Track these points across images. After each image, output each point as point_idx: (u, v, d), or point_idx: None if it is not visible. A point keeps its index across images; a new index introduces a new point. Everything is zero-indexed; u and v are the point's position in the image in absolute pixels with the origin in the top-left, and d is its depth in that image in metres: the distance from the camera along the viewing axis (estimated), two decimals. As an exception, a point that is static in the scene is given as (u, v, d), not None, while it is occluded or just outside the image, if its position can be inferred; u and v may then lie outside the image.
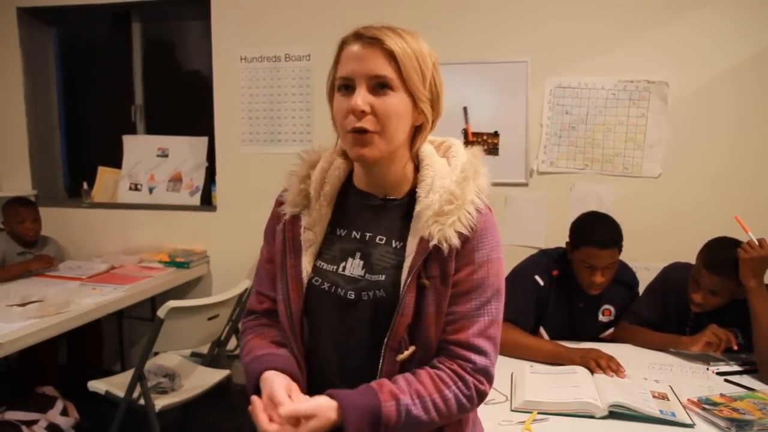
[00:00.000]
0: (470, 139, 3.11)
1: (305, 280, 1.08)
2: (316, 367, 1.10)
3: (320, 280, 1.08)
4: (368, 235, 1.08)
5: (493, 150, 3.10)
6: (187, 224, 3.54)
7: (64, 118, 3.95)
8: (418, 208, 1.03)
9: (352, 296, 1.05)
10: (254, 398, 0.98)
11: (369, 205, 1.10)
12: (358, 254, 1.07)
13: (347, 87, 1.01)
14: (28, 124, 3.69)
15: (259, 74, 3.34)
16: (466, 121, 3.11)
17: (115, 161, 3.73)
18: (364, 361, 1.03)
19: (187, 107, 3.79)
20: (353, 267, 1.07)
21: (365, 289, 1.04)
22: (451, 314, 1.03)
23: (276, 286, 1.12)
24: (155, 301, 3.32)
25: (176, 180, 3.63)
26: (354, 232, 1.09)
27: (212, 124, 3.46)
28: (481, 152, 1.10)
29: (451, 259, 1.01)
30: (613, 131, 2.98)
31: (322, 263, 1.09)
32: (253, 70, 3.35)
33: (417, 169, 1.08)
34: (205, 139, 3.59)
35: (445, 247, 0.99)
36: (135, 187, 3.68)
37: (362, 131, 0.99)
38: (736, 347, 1.93)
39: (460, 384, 1.01)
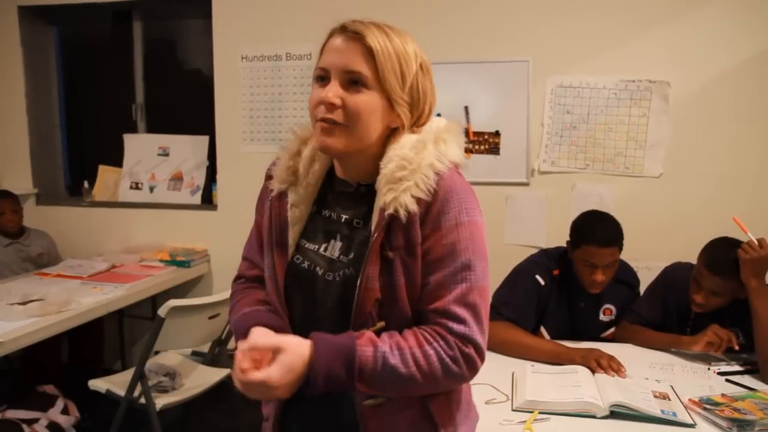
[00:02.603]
0: (471, 138, 3.10)
1: (290, 256, 1.08)
2: None
3: (301, 258, 1.08)
4: (344, 217, 1.08)
5: (494, 149, 3.10)
6: (187, 223, 3.54)
7: (64, 117, 3.95)
8: (378, 179, 1.01)
9: (330, 277, 1.05)
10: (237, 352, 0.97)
11: (346, 192, 1.09)
12: (338, 236, 1.07)
13: (323, 78, 1.00)
14: (29, 123, 3.69)
15: (260, 73, 3.34)
16: (468, 121, 3.11)
17: (116, 160, 3.73)
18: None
19: (188, 106, 3.79)
20: (333, 248, 1.06)
21: (337, 270, 1.04)
22: (427, 284, 1.01)
23: (264, 259, 1.13)
24: (156, 300, 3.32)
25: (177, 179, 3.63)
26: (339, 214, 1.09)
27: (213, 123, 3.46)
28: (455, 126, 1.06)
29: (414, 225, 0.99)
30: (615, 131, 2.98)
31: (305, 242, 1.09)
32: (254, 69, 3.35)
33: None
34: (205, 138, 3.58)
35: (402, 214, 0.97)
36: (136, 186, 3.68)
37: (330, 122, 0.98)
38: (737, 347, 1.93)
39: (441, 342, 0.98)
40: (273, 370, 0.92)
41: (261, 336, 0.99)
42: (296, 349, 0.94)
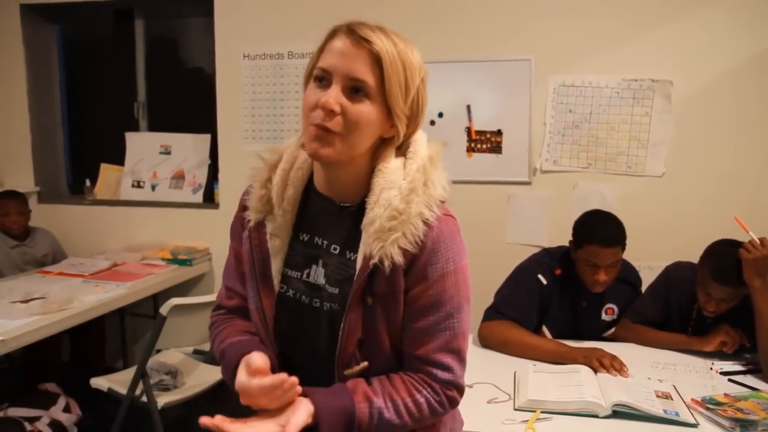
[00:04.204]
0: (473, 137, 3.10)
1: (276, 287, 1.06)
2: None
3: (285, 286, 1.07)
4: (325, 242, 1.06)
5: (496, 148, 3.09)
6: (189, 222, 3.54)
7: (66, 115, 3.95)
8: (364, 221, 0.99)
9: (317, 304, 1.04)
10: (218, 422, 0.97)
11: (327, 211, 1.06)
12: (320, 261, 1.05)
13: (323, 79, 0.96)
14: (31, 121, 3.69)
15: (261, 72, 3.34)
16: (470, 120, 3.10)
17: (118, 158, 3.73)
18: (325, 371, 1.03)
19: (189, 104, 3.78)
20: (317, 275, 1.05)
21: (325, 300, 1.04)
22: (410, 329, 1.01)
23: (245, 285, 1.11)
24: (157, 299, 3.31)
25: (179, 177, 3.63)
26: (316, 238, 1.06)
27: (215, 122, 3.45)
28: (440, 152, 1.03)
29: (399, 275, 0.98)
30: (617, 130, 2.97)
31: (288, 270, 1.07)
32: (255, 67, 3.34)
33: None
34: (207, 137, 3.58)
35: (387, 265, 0.96)
36: (137, 185, 3.68)
37: (326, 129, 0.94)
38: (748, 344, 1.94)
39: (429, 390, 1.01)
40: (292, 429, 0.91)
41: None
42: (304, 421, 0.94)
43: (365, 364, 1.01)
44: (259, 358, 0.96)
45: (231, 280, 1.17)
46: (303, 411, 0.94)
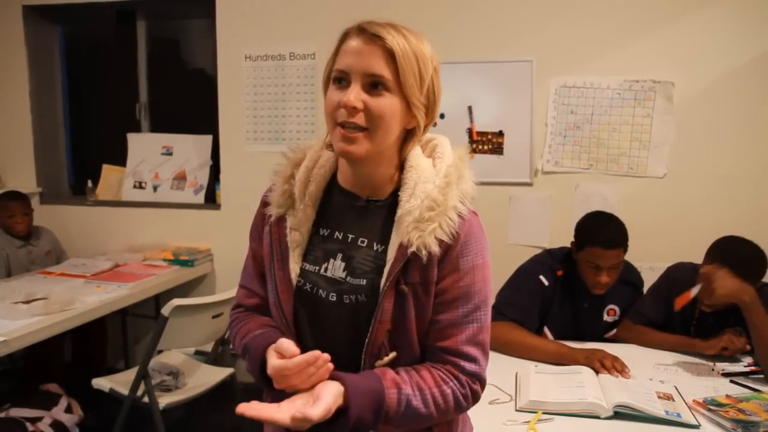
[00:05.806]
0: (475, 138, 3.10)
1: (294, 281, 1.07)
2: None
3: (302, 281, 1.07)
4: (350, 236, 1.07)
5: (497, 149, 3.09)
6: (191, 222, 3.55)
7: (68, 116, 3.95)
8: (399, 212, 1.02)
9: (334, 298, 1.04)
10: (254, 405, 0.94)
11: (352, 206, 1.08)
12: (339, 255, 1.06)
13: (342, 80, 0.99)
14: (33, 122, 3.70)
15: (263, 73, 3.34)
16: (471, 121, 3.10)
17: (120, 159, 3.74)
18: (347, 363, 1.02)
19: (191, 105, 3.79)
20: (335, 268, 1.06)
21: (347, 293, 1.04)
22: (438, 322, 1.03)
23: (265, 284, 1.12)
24: (159, 299, 3.32)
25: (180, 178, 3.63)
26: (337, 233, 1.08)
27: (217, 123, 3.46)
28: (467, 153, 1.07)
29: (433, 265, 1.00)
30: (618, 131, 2.97)
31: (306, 264, 1.08)
32: (257, 68, 3.35)
33: (402, 169, 1.06)
34: (209, 138, 3.59)
35: (424, 254, 0.98)
36: (139, 185, 3.69)
37: (351, 126, 0.97)
38: (748, 347, 1.93)
39: (456, 382, 1.02)
40: (318, 410, 0.90)
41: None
42: (335, 403, 0.93)
43: (394, 354, 1.02)
44: (289, 344, 0.96)
45: (249, 280, 1.18)
46: (333, 389, 0.94)
